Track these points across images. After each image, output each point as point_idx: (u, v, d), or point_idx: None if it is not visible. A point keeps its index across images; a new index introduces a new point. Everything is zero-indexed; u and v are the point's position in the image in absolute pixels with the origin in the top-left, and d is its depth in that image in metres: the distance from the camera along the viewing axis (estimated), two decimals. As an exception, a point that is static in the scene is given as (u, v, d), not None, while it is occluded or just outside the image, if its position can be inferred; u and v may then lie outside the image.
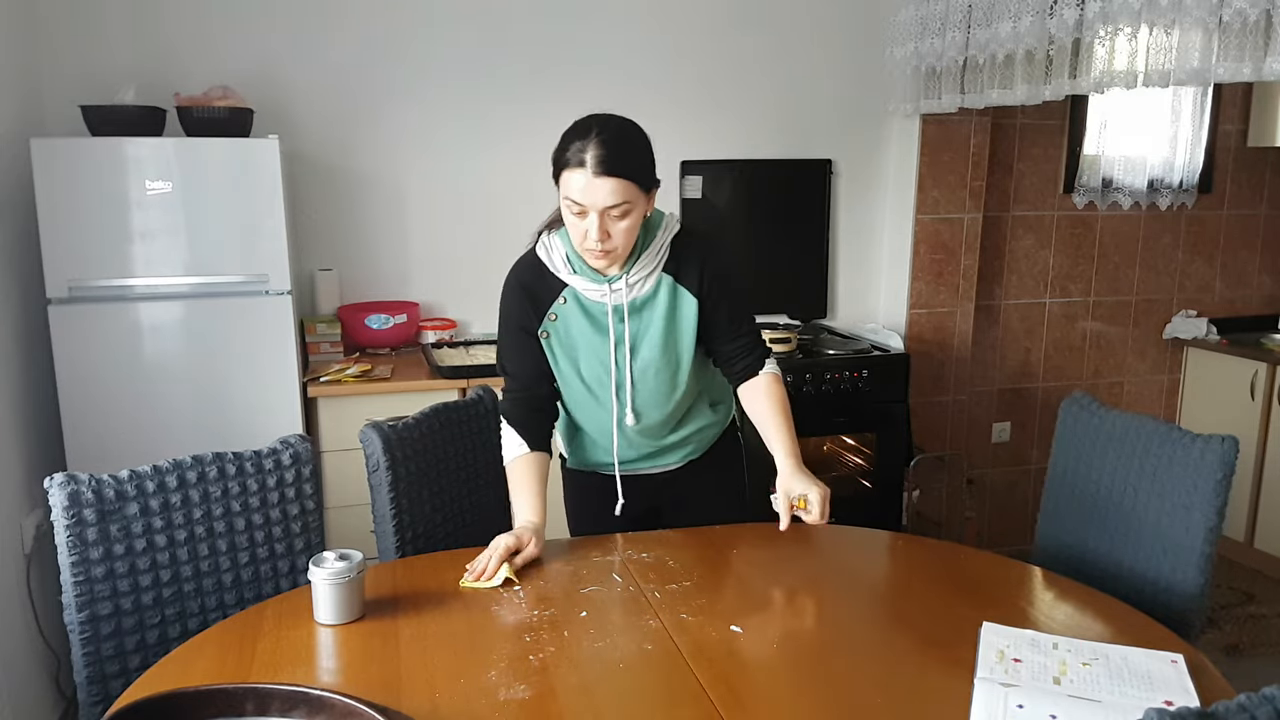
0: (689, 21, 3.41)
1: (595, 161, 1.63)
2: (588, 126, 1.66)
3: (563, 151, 1.67)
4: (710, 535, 1.97)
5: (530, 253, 1.85)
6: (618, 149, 1.65)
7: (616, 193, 1.65)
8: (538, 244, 1.85)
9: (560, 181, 1.69)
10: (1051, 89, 2.75)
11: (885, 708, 1.33)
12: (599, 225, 1.66)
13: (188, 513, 1.71)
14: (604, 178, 1.63)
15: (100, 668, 1.60)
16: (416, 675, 1.39)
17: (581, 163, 1.63)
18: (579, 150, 1.64)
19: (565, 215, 1.71)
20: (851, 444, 3.48)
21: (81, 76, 2.86)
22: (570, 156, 1.65)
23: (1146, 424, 1.95)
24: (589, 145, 1.63)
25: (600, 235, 1.67)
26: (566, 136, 1.68)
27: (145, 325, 2.60)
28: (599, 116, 1.70)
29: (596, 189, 1.64)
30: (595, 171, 1.63)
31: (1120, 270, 4.06)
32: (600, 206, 1.65)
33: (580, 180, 1.64)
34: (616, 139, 1.66)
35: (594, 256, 1.73)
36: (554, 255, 1.81)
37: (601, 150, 1.63)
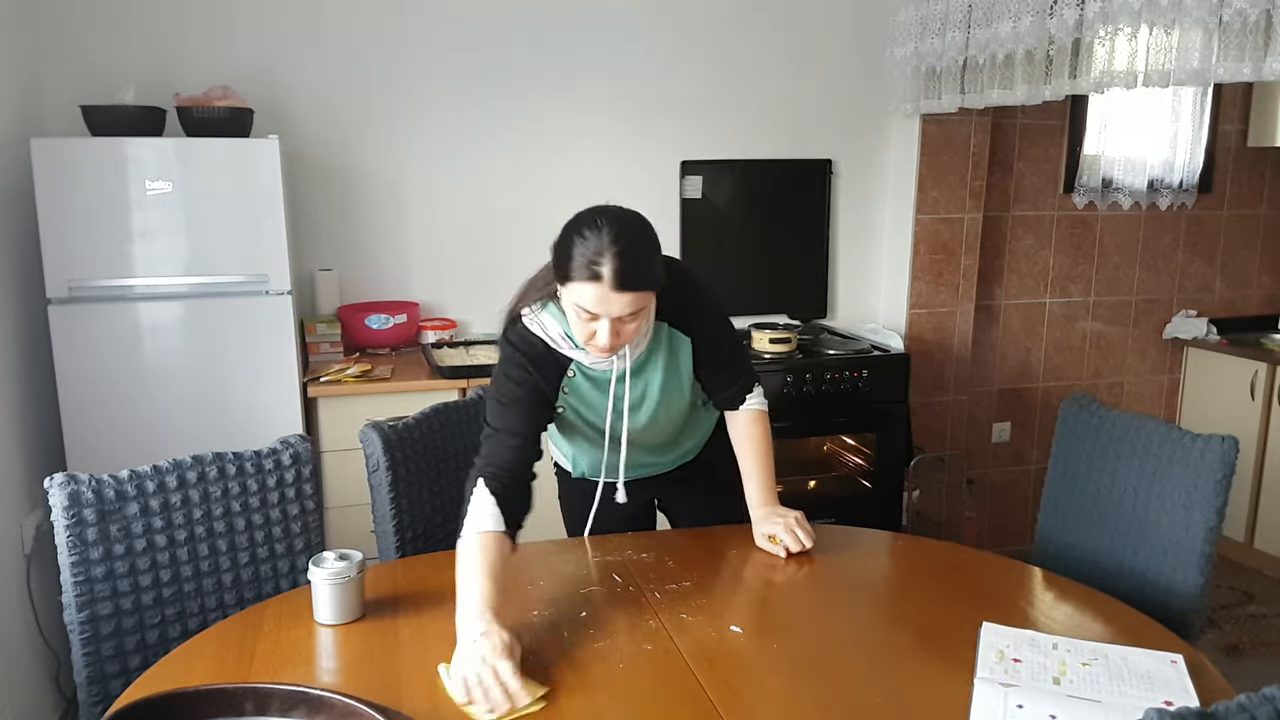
0: (689, 22, 3.41)
1: (614, 276, 1.53)
2: (599, 234, 1.54)
3: (572, 259, 1.56)
4: (710, 535, 1.97)
5: (522, 329, 1.73)
6: (636, 261, 1.55)
7: (634, 302, 1.57)
8: (526, 321, 1.73)
9: (568, 287, 1.58)
10: (1051, 89, 2.75)
11: (885, 708, 1.33)
12: (610, 329, 1.59)
13: (188, 513, 1.71)
14: (622, 293, 1.55)
15: (100, 668, 1.60)
16: (416, 675, 1.39)
17: (597, 276, 1.53)
18: (593, 262, 1.53)
19: (570, 313, 1.62)
20: (851, 444, 3.48)
21: (81, 76, 2.86)
22: (583, 268, 1.54)
23: (1146, 424, 1.95)
24: (605, 258, 1.53)
25: (611, 336, 1.60)
26: (575, 243, 1.56)
27: (145, 325, 2.60)
28: (609, 218, 1.57)
29: (613, 302, 1.55)
30: (614, 287, 1.54)
31: (1120, 270, 4.06)
32: (615, 315, 1.57)
33: (595, 293, 1.55)
34: (634, 250, 1.55)
35: (599, 353, 1.65)
36: (550, 331, 1.72)
37: (619, 263, 1.53)
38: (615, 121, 3.39)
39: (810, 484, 3.46)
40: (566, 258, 1.57)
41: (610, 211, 1.60)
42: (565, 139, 3.36)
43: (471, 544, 1.53)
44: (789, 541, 1.80)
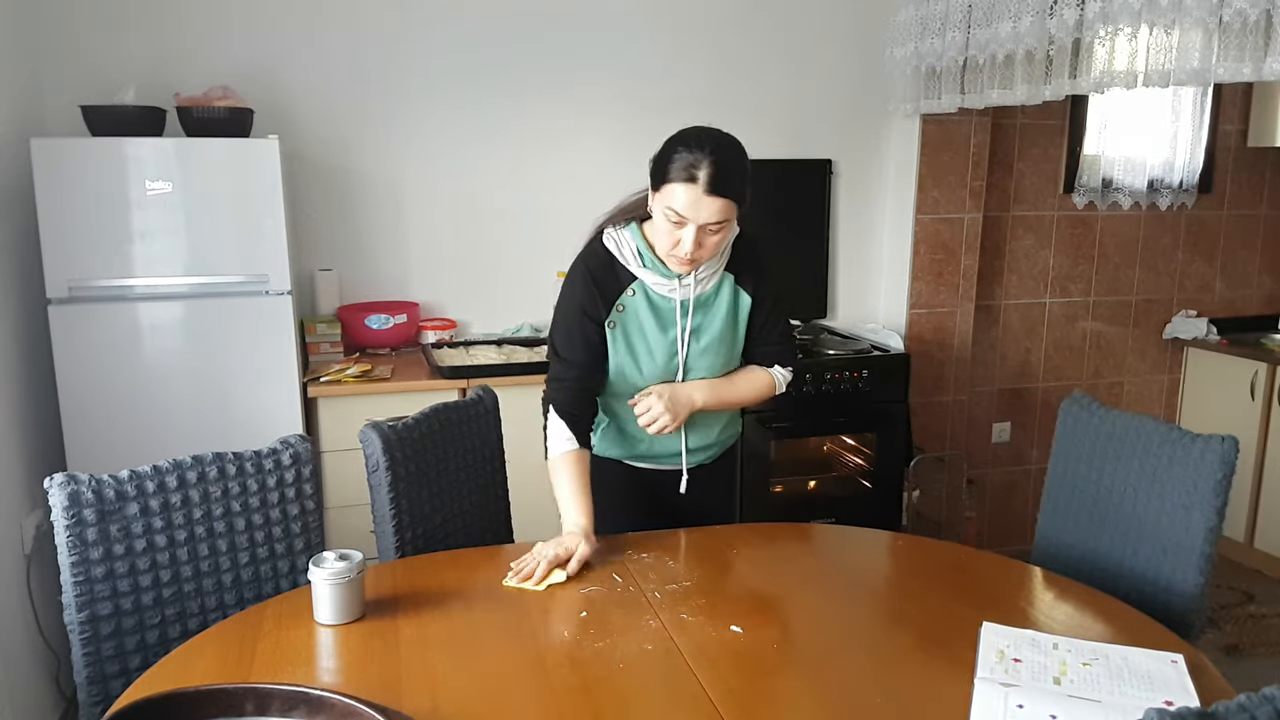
0: (689, 22, 3.41)
1: (708, 180, 1.66)
2: (701, 142, 1.68)
3: (671, 162, 1.69)
4: (710, 535, 1.97)
5: (597, 243, 1.87)
6: (730, 170, 1.67)
7: (721, 211, 1.69)
8: (603, 236, 1.87)
9: (663, 189, 1.70)
10: (1051, 89, 2.75)
11: (885, 708, 1.33)
12: (694, 237, 1.70)
13: (188, 513, 1.71)
14: (714, 197, 1.67)
15: (100, 668, 1.60)
16: (416, 675, 1.39)
17: (693, 178, 1.66)
18: (691, 165, 1.66)
19: (658, 219, 1.75)
20: (851, 444, 3.48)
21: (81, 76, 2.86)
22: (681, 170, 1.67)
23: (1146, 424, 1.95)
24: (703, 162, 1.66)
25: (694, 246, 1.71)
26: (677, 147, 1.69)
27: (145, 325, 2.60)
28: (710, 132, 1.72)
29: (704, 206, 1.67)
30: (707, 189, 1.66)
31: (1120, 270, 4.06)
32: (702, 221, 1.69)
33: (689, 195, 1.67)
34: (729, 160, 1.68)
35: (680, 263, 1.77)
36: (624, 248, 1.84)
37: (715, 169, 1.66)
38: (615, 121, 3.40)
39: (810, 484, 3.46)
40: (665, 162, 1.70)
41: (710, 129, 1.73)
42: (565, 139, 3.36)
43: (559, 464, 1.81)
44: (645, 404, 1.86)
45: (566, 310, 1.87)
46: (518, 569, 1.69)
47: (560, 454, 1.82)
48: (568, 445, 1.82)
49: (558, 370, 1.87)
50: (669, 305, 1.85)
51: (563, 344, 1.87)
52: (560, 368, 1.86)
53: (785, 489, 3.31)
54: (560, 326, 1.88)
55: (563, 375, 1.86)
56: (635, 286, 1.85)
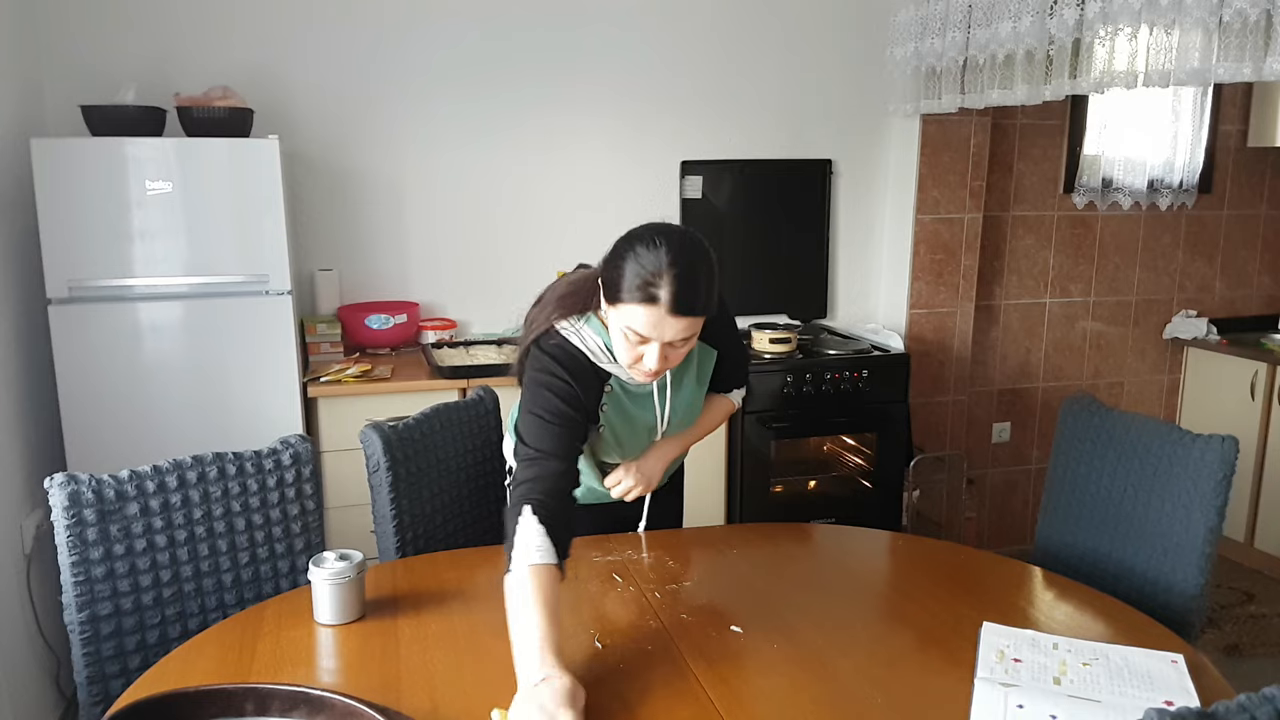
0: (689, 21, 3.41)
1: (671, 300, 1.47)
2: (656, 253, 1.48)
3: (624, 278, 1.49)
4: (710, 535, 1.97)
5: (565, 343, 1.65)
6: (694, 285, 1.49)
7: (688, 328, 1.52)
8: (565, 333, 1.66)
9: (619, 308, 1.52)
10: (1051, 89, 2.75)
11: (885, 708, 1.33)
12: (659, 354, 1.54)
13: (188, 513, 1.71)
14: (679, 317, 1.49)
15: (100, 668, 1.60)
16: (416, 675, 1.39)
17: (653, 299, 1.47)
18: (649, 283, 1.47)
19: (616, 334, 1.57)
20: (851, 444, 3.48)
21: (81, 76, 2.86)
22: (636, 289, 1.48)
23: (1146, 424, 1.95)
24: (663, 279, 1.47)
25: (659, 362, 1.55)
26: (629, 261, 1.49)
27: (145, 325, 2.60)
28: (667, 238, 1.50)
29: (668, 326, 1.50)
30: (670, 310, 1.48)
31: (1120, 270, 4.06)
32: (668, 339, 1.52)
33: (650, 316, 1.49)
34: (692, 272, 1.48)
35: (644, 377, 1.61)
36: (590, 345, 1.66)
37: (678, 287, 1.47)
38: (615, 121, 3.40)
39: (810, 484, 3.46)
40: (618, 276, 1.51)
41: (668, 229, 1.53)
42: (565, 139, 3.36)
43: (523, 579, 1.38)
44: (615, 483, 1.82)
45: (550, 410, 1.59)
46: None
47: (529, 566, 1.39)
48: (539, 557, 1.40)
49: (539, 469, 1.53)
50: (643, 391, 1.75)
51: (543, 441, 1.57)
52: (539, 468, 1.53)
53: (785, 489, 3.31)
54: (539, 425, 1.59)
55: (543, 473, 1.52)
56: (613, 383, 1.71)
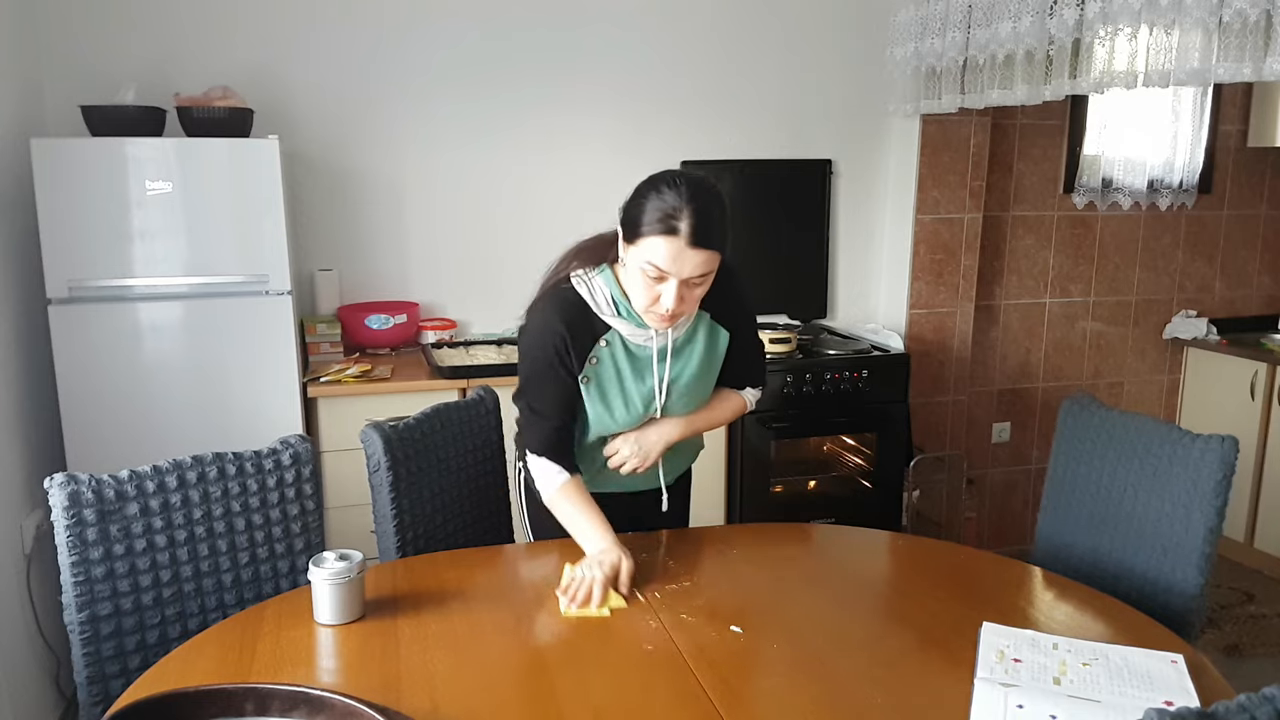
0: (690, 21, 3.41)
1: (690, 231, 1.55)
2: (678, 189, 1.56)
3: (645, 213, 1.57)
4: (710, 535, 1.97)
5: (569, 291, 1.72)
6: (711, 219, 1.57)
7: (706, 263, 1.59)
8: (574, 282, 1.73)
9: (639, 243, 1.58)
10: (1051, 89, 2.75)
11: (885, 708, 1.33)
12: (676, 292, 1.59)
13: (188, 513, 1.71)
14: (697, 249, 1.56)
15: (100, 668, 1.60)
16: (416, 675, 1.39)
17: (673, 230, 1.55)
18: (670, 215, 1.55)
19: (634, 274, 1.62)
20: (851, 444, 3.48)
21: (81, 76, 2.86)
22: (658, 223, 1.55)
23: (1146, 424, 1.95)
24: (683, 212, 1.54)
25: (676, 301, 1.60)
26: (651, 196, 1.58)
27: (145, 325, 2.60)
28: (686, 177, 1.60)
29: (686, 259, 1.56)
30: (690, 242, 1.55)
31: (1120, 270, 4.06)
32: (685, 275, 1.58)
33: (670, 248, 1.55)
34: (709, 208, 1.57)
35: (660, 319, 1.66)
36: (597, 296, 1.71)
37: (697, 219, 1.55)
38: (616, 121, 3.40)
39: (810, 484, 3.46)
40: (640, 212, 1.58)
41: (685, 173, 1.62)
42: (565, 139, 3.36)
43: (562, 496, 1.75)
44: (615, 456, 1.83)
45: (537, 362, 1.74)
46: (571, 594, 1.60)
47: (557, 487, 1.75)
48: (560, 477, 1.75)
49: (532, 420, 1.77)
50: (645, 353, 1.75)
51: (535, 398, 1.76)
52: (534, 419, 1.76)
53: (785, 489, 3.31)
54: (532, 381, 1.76)
55: (536, 424, 1.76)
56: (609, 337, 1.73)
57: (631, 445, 1.82)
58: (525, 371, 1.77)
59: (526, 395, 1.78)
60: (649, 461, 1.84)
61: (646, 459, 1.83)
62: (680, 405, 1.83)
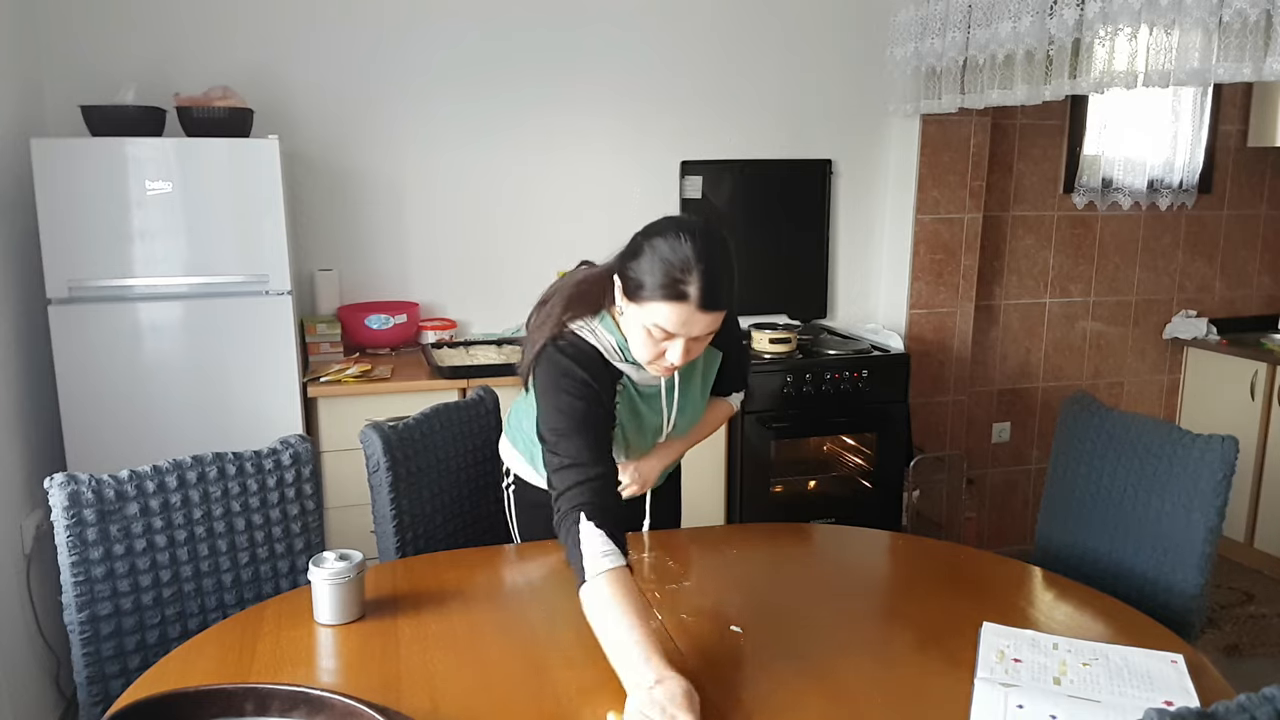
0: (690, 21, 3.41)
1: (700, 296, 1.47)
2: (683, 248, 1.47)
3: (650, 275, 1.48)
4: (710, 535, 1.97)
5: (579, 341, 1.65)
6: (721, 280, 1.49)
7: (714, 323, 1.53)
8: (581, 334, 1.65)
9: (645, 306, 1.50)
10: (1051, 89, 2.75)
11: (885, 708, 1.33)
12: (683, 349, 1.53)
13: (188, 513, 1.71)
14: (708, 312, 1.49)
15: (100, 668, 1.60)
16: (416, 675, 1.39)
17: (683, 296, 1.47)
18: (679, 280, 1.46)
19: (637, 331, 1.55)
20: (851, 444, 3.48)
21: (81, 76, 2.86)
22: (668, 287, 1.47)
23: (1146, 424, 1.95)
24: (692, 275, 1.46)
25: (683, 358, 1.54)
26: (655, 257, 1.48)
27: (145, 325, 2.60)
28: (691, 233, 1.49)
29: (697, 322, 1.50)
30: (700, 306, 1.48)
31: (1120, 270, 4.06)
32: (694, 335, 1.53)
33: (679, 314, 1.48)
34: (719, 265, 1.49)
35: (664, 371, 1.61)
36: (603, 344, 1.66)
37: (706, 283, 1.47)
38: (616, 121, 3.40)
39: (810, 484, 3.46)
40: (642, 274, 1.50)
41: (689, 224, 1.52)
42: (565, 139, 3.36)
43: (601, 587, 1.39)
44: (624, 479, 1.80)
45: (576, 411, 1.57)
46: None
47: (605, 573, 1.40)
48: (613, 561, 1.41)
49: (582, 473, 1.51)
50: (653, 390, 1.75)
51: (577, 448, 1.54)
52: (578, 472, 1.51)
53: (785, 489, 3.31)
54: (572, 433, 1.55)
55: (589, 476, 1.51)
56: (623, 381, 1.70)
57: (631, 474, 1.83)
58: (562, 426, 1.56)
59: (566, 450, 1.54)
60: (648, 486, 1.86)
61: (645, 484, 1.85)
62: (683, 429, 1.85)
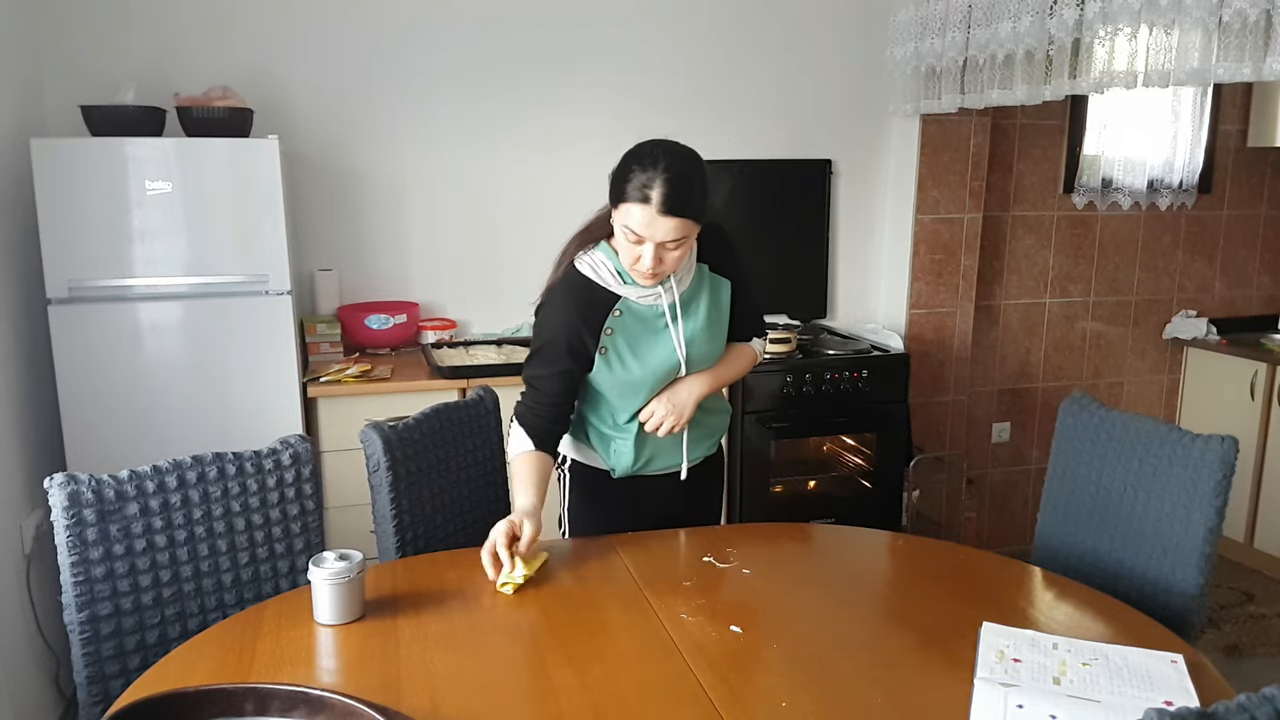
0: (690, 21, 3.41)
1: (660, 200, 1.65)
2: (654, 159, 1.67)
3: (625, 182, 1.69)
4: (710, 535, 1.97)
5: (572, 272, 1.85)
6: (683, 188, 1.67)
7: (677, 230, 1.68)
8: (577, 262, 1.85)
9: (619, 209, 1.71)
10: (1051, 89, 2.75)
11: (885, 708, 1.33)
12: (654, 253, 1.70)
13: (188, 513, 1.71)
14: (667, 217, 1.66)
15: (100, 668, 1.60)
16: (416, 675, 1.39)
17: (645, 198, 1.66)
18: (645, 185, 1.66)
19: (619, 236, 1.75)
20: (851, 444, 3.48)
21: (81, 76, 2.86)
22: (633, 190, 1.67)
23: (1146, 424, 1.95)
24: (654, 182, 1.65)
25: (654, 262, 1.71)
26: (631, 165, 1.69)
27: (145, 325, 2.60)
28: (665, 148, 1.71)
29: (658, 225, 1.67)
30: (660, 210, 1.66)
31: (1120, 270, 4.06)
32: (659, 240, 1.69)
33: (644, 215, 1.67)
34: (682, 178, 1.67)
35: (643, 277, 1.77)
36: (601, 271, 1.83)
37: (667, 189, 1.65)
38: (616, 120, 3.39)
39: (810, 484, 3.46)
40: (622, 180, 1.69)
41: (667, 144, 1.73)
42: (565, 139, 3.36)
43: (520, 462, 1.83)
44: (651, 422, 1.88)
45: (548, 345, 1.84)
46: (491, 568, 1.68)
47: (518, 453, 1.84)
48: (526, 445, 1.83)
49: (532, 396, 1.87)
50: (656, 312, 1.84)
51: (537, 375, 1.86)
52: (533, 395, 1.86)
53: (785, 489, 3.31)
54: (539, 357, 1.86)
55: (535, 402, 1.86)
56: (620, 305, 1.83)
57: (665, 404, 1.88)
58: (536, 345, 1.86)
59: (532, 366, 1.87)
60: (684, 419, 1.89)
61: (681, 415, 1.89)
62: (699, 355, 1.89)
